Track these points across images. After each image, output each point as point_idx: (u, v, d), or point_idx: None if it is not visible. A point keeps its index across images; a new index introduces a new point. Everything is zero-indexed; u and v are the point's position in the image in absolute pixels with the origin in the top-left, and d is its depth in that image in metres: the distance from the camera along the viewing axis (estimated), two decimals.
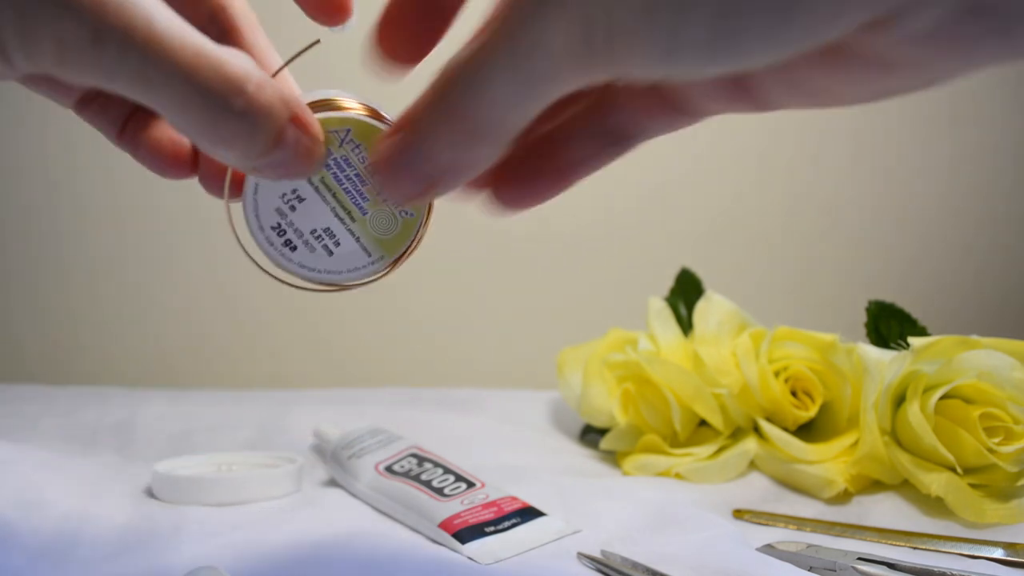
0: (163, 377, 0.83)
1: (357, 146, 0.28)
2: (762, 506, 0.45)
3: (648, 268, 0.81)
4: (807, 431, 0.50)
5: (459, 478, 0.43)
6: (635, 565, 0.36)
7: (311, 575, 0.35)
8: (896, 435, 0.46)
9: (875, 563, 0.36)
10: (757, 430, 0.50)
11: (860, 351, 0.47)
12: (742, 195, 0.89)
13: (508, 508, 0.41)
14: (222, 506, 0.43)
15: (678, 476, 0.49)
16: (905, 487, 0.46)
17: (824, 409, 0.51)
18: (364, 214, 0.29)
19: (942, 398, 0.44)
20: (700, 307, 0.54)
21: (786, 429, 0.49)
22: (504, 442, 0.57)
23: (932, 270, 0.91)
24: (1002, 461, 0.42)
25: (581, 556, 0.37)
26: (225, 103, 0.22)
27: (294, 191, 0.28)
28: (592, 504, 0.44)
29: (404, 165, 0.24)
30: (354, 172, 0.28)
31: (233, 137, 0.23)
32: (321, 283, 0.29)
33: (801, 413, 0.49)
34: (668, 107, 0.25)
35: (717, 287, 0.57)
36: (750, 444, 0.49)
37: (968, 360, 0.44)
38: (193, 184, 0.32)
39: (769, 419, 0.50)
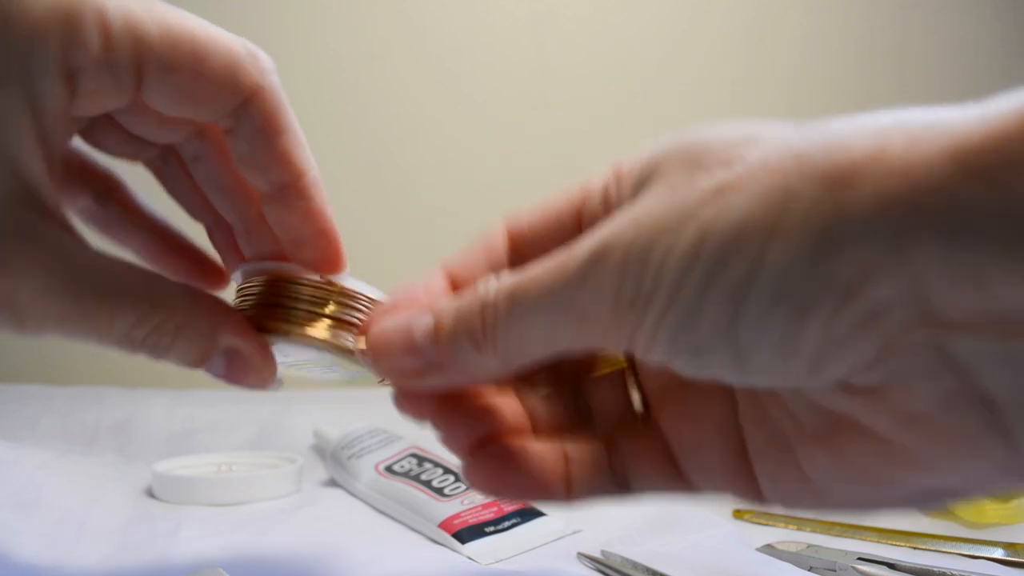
0: (163, 377, 0.83)
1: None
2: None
3: None
4: None
5: (459, 478, 0.43)
6: (635, 565, 0.36)
7: (311, 575, 0.35)
8: None
9: (875, 563, 0.36)
10: None
11: None
12: None
13: (508, 508, 0.41)
14: (222, 506, 0.43)
15: None
16: None
17: None
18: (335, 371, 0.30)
19: None
20: None
21: None
22: None
23: None
24: None
25: (581, 556, 0.37)
26: (133, 344, 0.26)
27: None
28: (592, 504, 0.43)
29: (419, 365, 0.24)
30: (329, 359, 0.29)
31: (154, 358, 0.26)
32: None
33: None
34: (671, 469, 0.26)
35: None
36: None
37: None
38: None
39: None
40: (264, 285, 0.28)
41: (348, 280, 0.29)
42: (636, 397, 0.27)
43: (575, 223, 0.25)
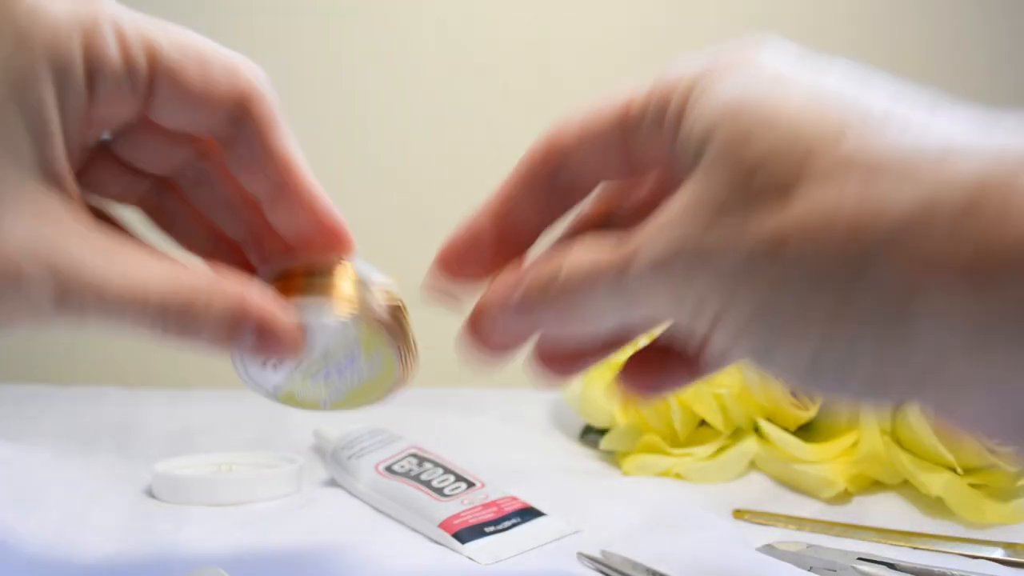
0: (163, 377, 0.83)
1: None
2: (762, 506, 0.45)
3: None
4: (807, 431, 0.50)
5: (459, 478, 0.43)
6: (635, 565, 0.36)
7: (311, 575, 0.35)
8: (896, 435, 0.46)
9: (875, 563, 0.36)
10: (757, 430, 0.50)
11: None
12: None
13: (508, 508, 0.41)
14: (222, 506, 0.43)
15: (678, 476, 0.49)
16: (905, 487, 0.46)
17: (824, 409, 0.51)
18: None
19: None
20: None
21: (786, 429, 0.49)
22: (504, 442, 0.57)
23: None
24: (1002, 461, 0.42)
25: (581, 556, 0.37)
26: (167, 322, 0.26)
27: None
28: (592, 504, 0.44)
29: (498, 312, 0.27)
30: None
31: (183, 341, 0.26)
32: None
33: (801, 413, 0.49)
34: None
35: None
36: (750, 444, 0.49)
37: None
38: None
39: (769, 419, 0.50)
40: (283, 276, 0.29)
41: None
42: None
43: (620, 141, 0.26)
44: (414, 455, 0.46)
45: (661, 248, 0.23)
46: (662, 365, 0.30)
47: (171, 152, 0.30)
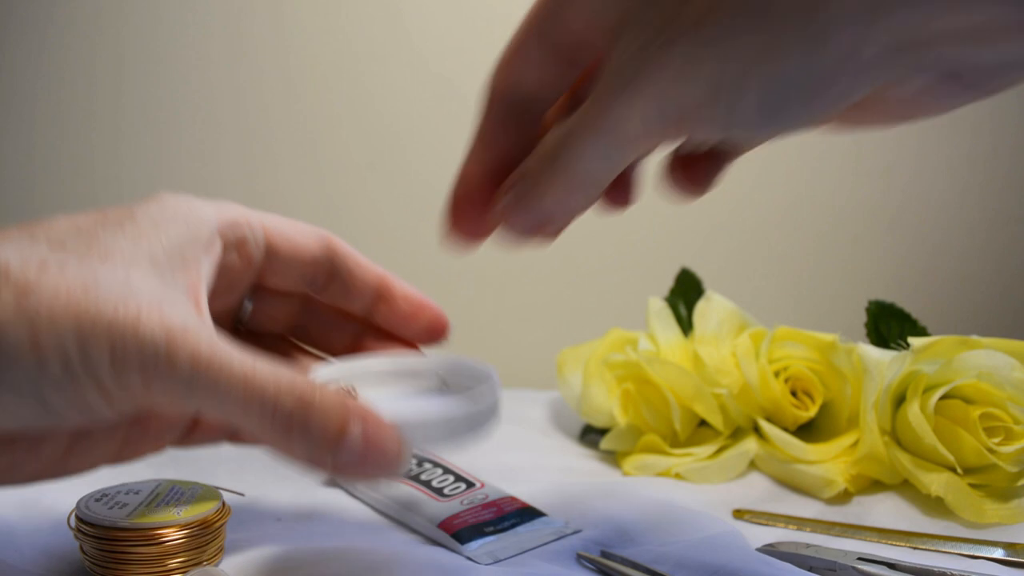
0: None
1: None
2: (762, 506, 0.45)
3: (648, 268, 0.81)
4: (807, 431, 0.50)
5: (459, 478, 0.43)
6: (635, 565, 0.36)
7: (311, 575, 0.35)
8: (896, 435, 0.46)
9: (875, 563, 0.36)
10: (757, 430, 0.50)
11: (860, 351, 0.47)
12: (742, 195, 0.89)
13: (508, 508, 0.41)
14: None
15: (678, 476, 0.49)
16: (905, 487, 0.46)
17: (824, 409, 0.51)
18: None
19: (942, 398, 0.44)
20: (700, 307, 0.54)
21: (786, 429, 0.49)
22: (504, 442, 0.57)
23: (932, 270, 0.91)
24: (1002, 461, 0.42)
25: (581, 556, 0.37)
26: (276, 404, 0.26)
27: None
28: (592, 504, 0.44)
29: (520, 209, 0.30)
30: None
31: (291, 434, 0.27)
32: None
33: (801, 413, 0.49)
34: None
35: (717, 287, 0.57)
36: (750, 444, 0.49)
37: (968, 360, 0.44)
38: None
39: (769, 419, 0.50)
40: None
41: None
42: None
43: (551, 46, 0.30)
44: (413, 455, 0.46)
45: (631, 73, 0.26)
46: (695, 164, 0.32)
47: (285, 310, 0.38)
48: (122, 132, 0.78)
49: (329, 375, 0.35)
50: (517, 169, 0.30)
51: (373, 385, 0.35)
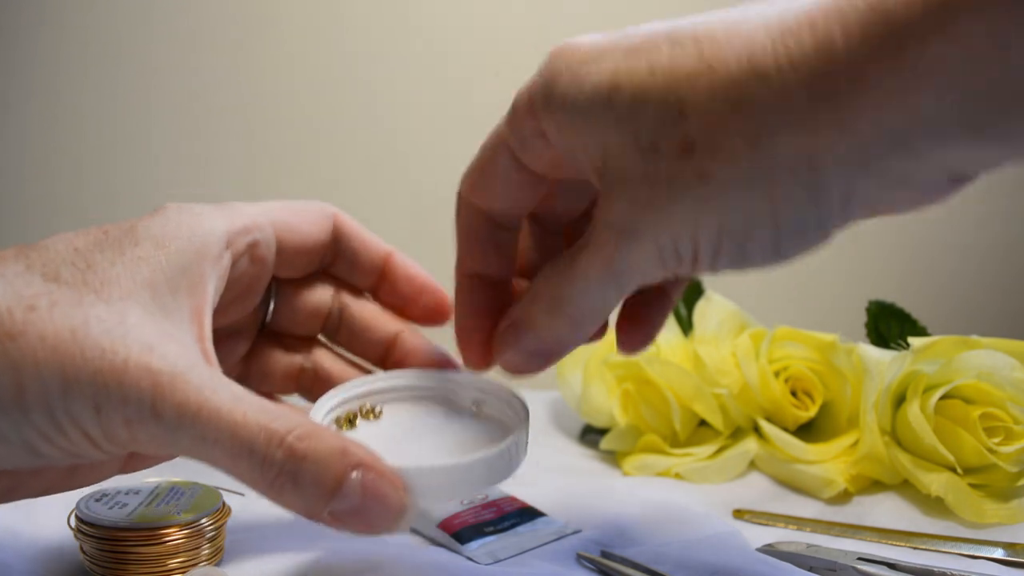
0: None
1: None
2: (762, 506, 0.45)
3: None
4: (807, 431, 0.50)
5: None
6: (635, 565, 0.36)
7: (311, 575, 0.35)
8: (896, 435, 0.46)
9: (875, 563, 0.36)
10: (757, 430, 0.50)
11: (860, 351, 0.47)
12: None
13: (508, 508, 0.41)
14: None
15: (678, 476, 0.49)
16: (905, 487, 0.46)
17: (824, 409, 0.50)
18: None
19: (942, 398, 0.44)
20: (700, 307, 0.54)
21: (786, 429, 0.49)
22: None
23: (932, 270, 0.91)
24: (1002, 461, 0.42)
25: (581, 556, 0.37)
26: (265, 454, 0.25)
27: None
28: (592, 504, 0.43)
29: (521, 349, 0.31)
30: None
31: (283, 487, 0.26)
32: None
33: (801, 413, 0.49)
34: None
35: (717, 287, 0.57)
36: (750, 444, 0.49)
37: (968, 360, 0.44)
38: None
39: (769, 419, 0.50)
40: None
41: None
42: None
43: (516, 166, 0.30)
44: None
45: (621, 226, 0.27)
46: (644, 313, 0.33)
47: (309, 310, 0.36)
48: (122, 132, 0.78)
49: (357, 391, 0.34)
50: (514, 314, 0.31)
51: (403, 403, 0.34)
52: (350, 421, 0.33)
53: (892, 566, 0.36)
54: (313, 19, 0.84)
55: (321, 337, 0.38)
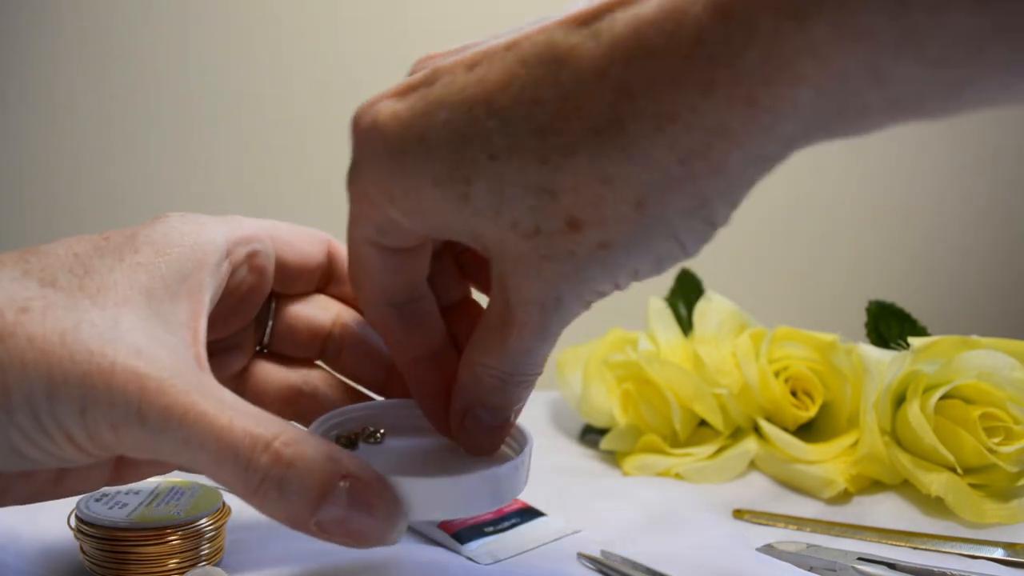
0: None
1: None
2: (762, 506, 0.45)
3: None
4: (807, 431, 0.50)
5: None
6: (635, 565, 0.36)
7: (311, 574, 0.35)
8: (896, 435, 0.46)
9: (875, 563, 0.36)
10: (757, 430, 0.50)
11: (860, 351, 0.47)
12: None
13: (508, 508, 0.41)
14: None
15: (678, 476, 0.49)
16: (905, 487, 0.46)
17: (824, 409, 0.51)
18: None
19: (942, 398, 0.44)
20: (700, 307, 0.54)
21: (786, 429, 0.49)
22: None
23: (932, 270, 0.91)
24: (1002, 461, 0.42)
25: (581, 556, 0.37)
26: (249, 460, 0.25)
27: None
28: (592, 504, 0.44)
29: (484, 430, 0.31)
30: None
31: (267, 493, 0.25)
32: None
33: (801, 413, 0.49)
34: None
35: (717, 287, 0.57)
36: (750, 444, 0.49)
37: (968, 360, 0.44)
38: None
39: (769, 419, 0.50)
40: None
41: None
42: None
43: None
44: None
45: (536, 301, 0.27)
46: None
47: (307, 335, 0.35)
48: (120, 132, 0.78)
49: (360, 413, 0.33)
50: (465, 401, 0.30)
51: (406, 429, 0.33)
52: (351, 441, 0.32)
53: (892, 566, 0.36)
54: (312, 20, 0.84)
55: (321, 363, 0.37)
